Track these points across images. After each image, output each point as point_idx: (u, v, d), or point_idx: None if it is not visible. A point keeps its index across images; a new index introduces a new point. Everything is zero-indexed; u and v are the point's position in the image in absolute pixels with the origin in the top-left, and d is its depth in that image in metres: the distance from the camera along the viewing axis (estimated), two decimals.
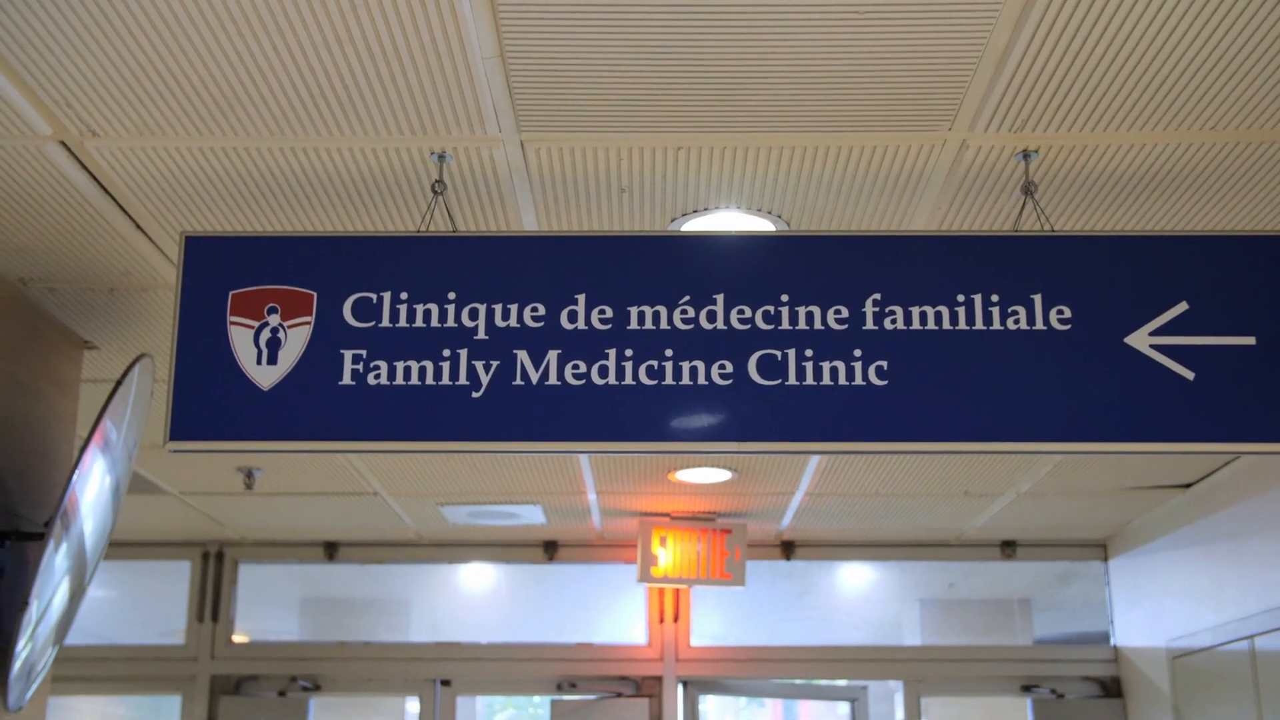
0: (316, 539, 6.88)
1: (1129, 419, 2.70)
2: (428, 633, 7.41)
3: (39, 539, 3.58)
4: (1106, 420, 2.70)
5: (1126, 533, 6.56)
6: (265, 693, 6.74)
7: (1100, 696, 6.69)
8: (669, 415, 2.72)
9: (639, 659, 6.76)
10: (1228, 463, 5.27)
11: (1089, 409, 2.71)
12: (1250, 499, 5.09)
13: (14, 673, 3.28)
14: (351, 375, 2.73)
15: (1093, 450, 2.73)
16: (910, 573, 7.39)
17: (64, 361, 3.93)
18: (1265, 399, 2.70)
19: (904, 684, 6.82)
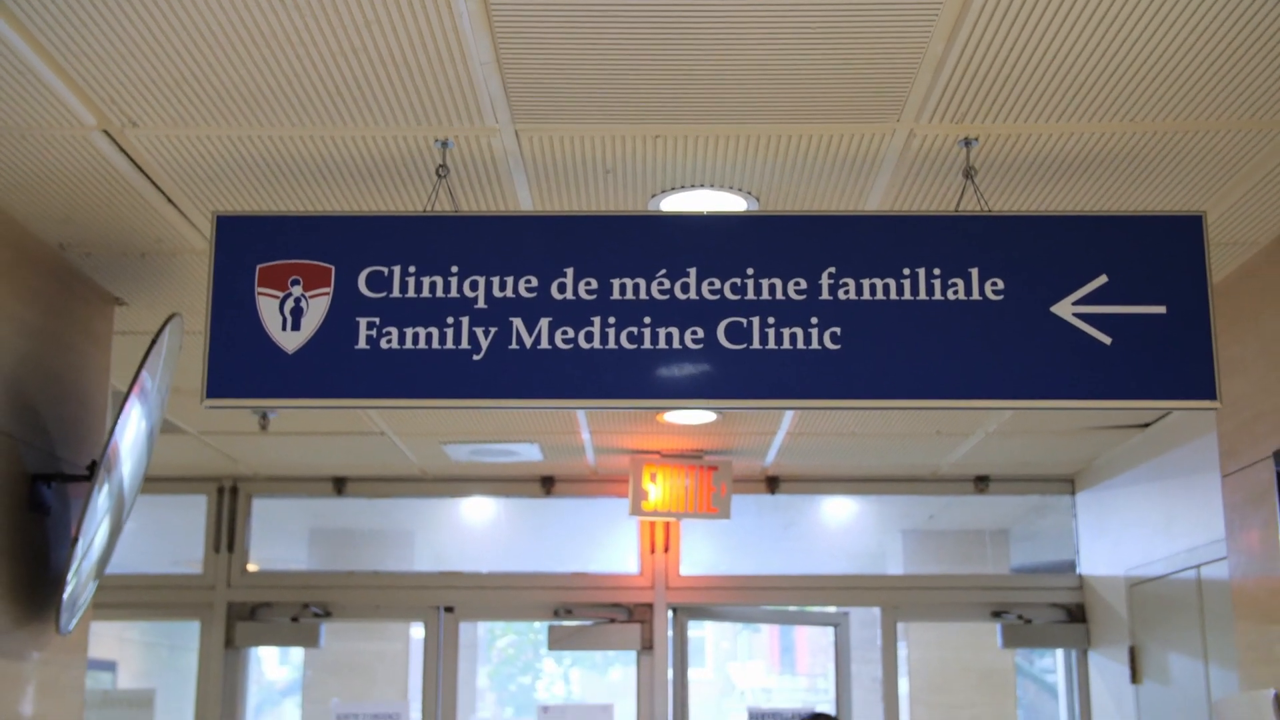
0: (326, 475, 7.24)
1: (1053, 379, 3.06)
2: (431, 563, 7.81)
3: (81, 480, 3.95)
4: (1033, 380, 3.06)
5: (1092, 468, 6.92)
6: (279, 618, 7.13)
7: (1065, 621, 7.09)
8: (647, 375, 3.08)
9: (631, 587, 7.14)
10: None
11: (1018, 370, 3.07)
12: (1199, 439, 5.44)
13: (64, 601, 3.66)
14: (366, 340, 3.09)
15: (1020, 406, 3.10)
16: (892, 505, 7.77)
17: (97, 317, 4.28)
18: (1173, 361, 3.06)
19: (881, 610, 7.21)
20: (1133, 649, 6.32)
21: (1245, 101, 3.03)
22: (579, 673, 21.83)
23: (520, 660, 22.02)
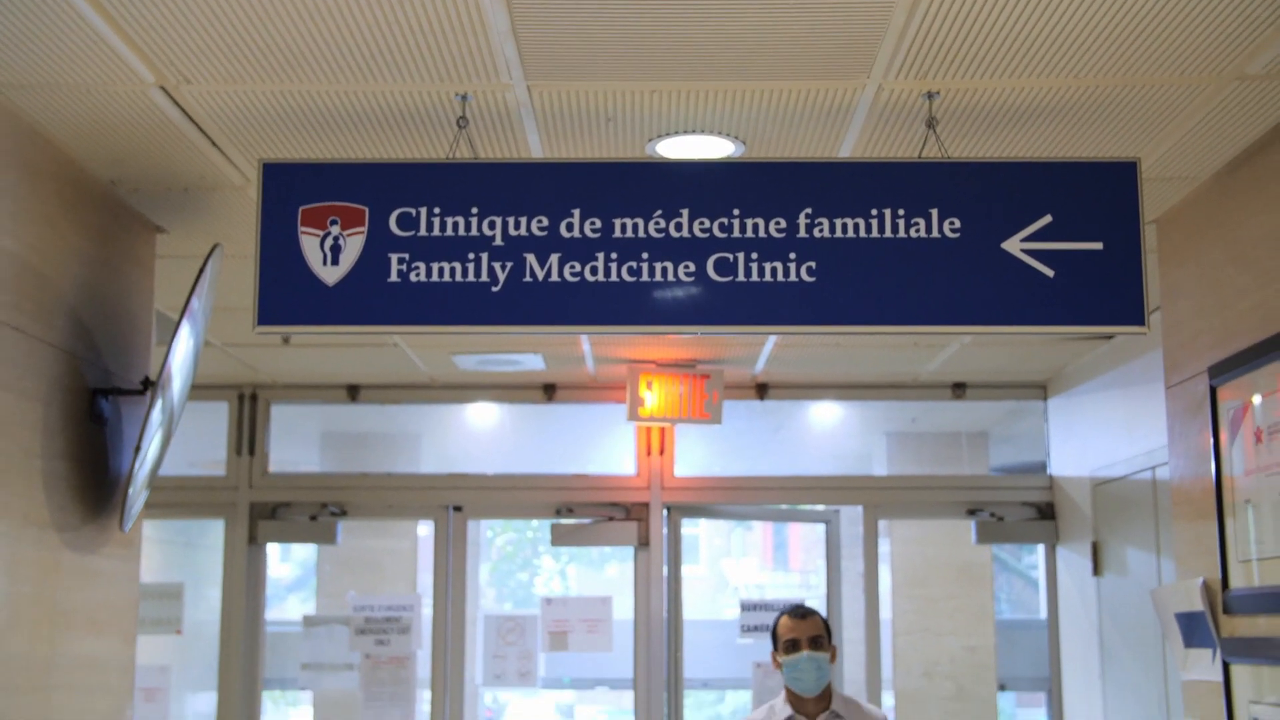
0: (340, 383, 7.65)
1: (1002, 308, 3.48)
2: (437, 465, 8.27)
3: (134, 394, 4.38)
4: (984, 308, 3.49)
5: (1062, 376, 7.35)
6: (298, 517, 7.58)
7: (1036, 519, 7.57)
8: (645, 304, 3.50)
9: (628, 487, 7.59)
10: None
11: (971, 299, 3.49)
12: (1157, 351, 5.85)
13: (127, 502, 4.10)
14: (397, 274, 3.50)
15: (972, 332, 3.53)
16: (876, 409, 8.21)
17: (142, 245, 4.67)
18: (1108, 292, 3.48)
19: (863, 508, 7.68)
20: (1095, 544, 6.80)
21: (1175, 59, 3.41)
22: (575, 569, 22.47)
23: (519, 557, 22.64)
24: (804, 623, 4.85)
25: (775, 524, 21.78)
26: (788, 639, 4.83)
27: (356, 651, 7.55)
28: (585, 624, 7.63)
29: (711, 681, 16.96)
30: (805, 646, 4.78)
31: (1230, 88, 3.57)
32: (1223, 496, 4.09)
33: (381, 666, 7.53)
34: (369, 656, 7.52)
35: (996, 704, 9.34)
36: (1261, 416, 3.84)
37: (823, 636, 4.84)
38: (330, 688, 8.28)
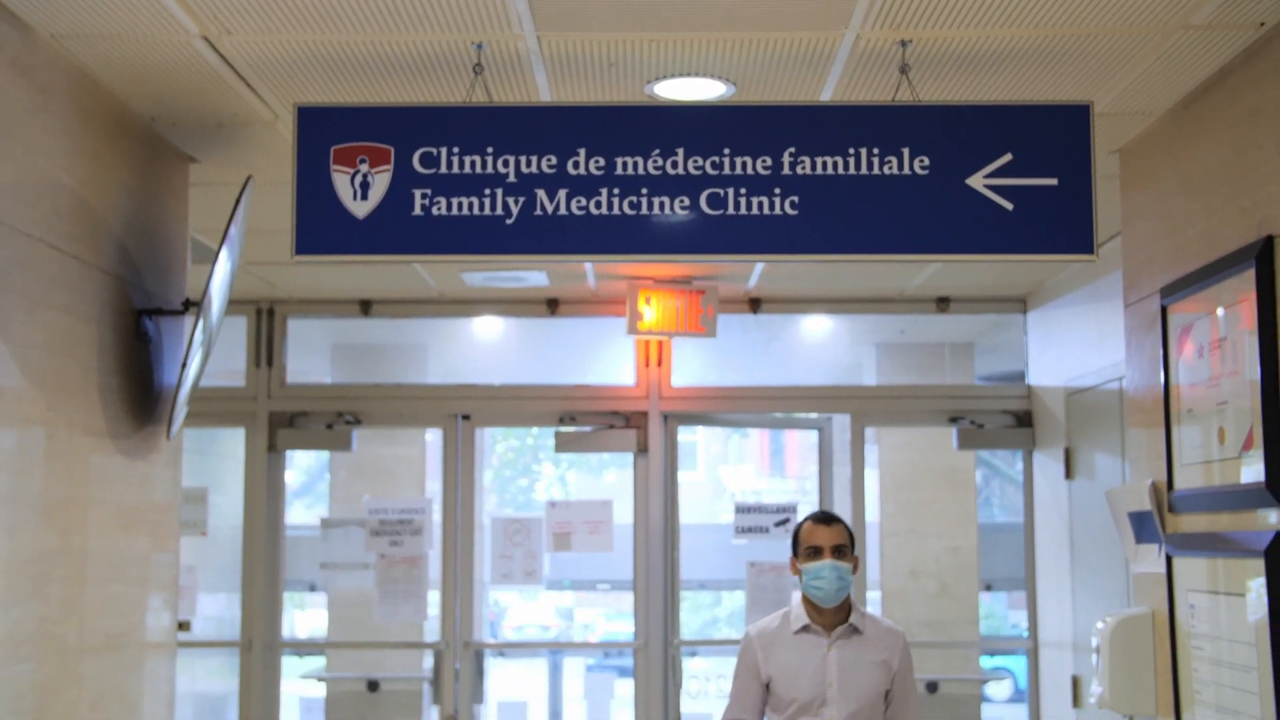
0: (353, 297, 8.03)
1: (966, 237, 3.87)
2: (443, 376, 8.68)
3: (175, 314, 4.77)
4: (950, 238, 3.87)
5: (1041, 290, 7.73)
6: (315, 426, 8.00)
7: (1014, 426, 7.99)
8: (644, 235, 3.89)
9: (628, 397, 7.99)
10: (1112, 237, 6.40)
11: (939, 230, 3.88)
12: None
13: (174, 412, 4.51)
14: (420, 208, 3.88)
15: (941, 260, 3.94)
16: (866, 322, 8.59)
17: (177, 175, 5.03)
18: (1061, 223, 3.87)
19: (851, 416, 8.09)
20: (1067, 450, 7.22)
21: (1126, 12, 3.76)
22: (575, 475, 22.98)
23: (519, 464, 23.15)
24: (828, 529, 4.71)
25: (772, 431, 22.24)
26: (810, 545, 4.69)
27: (372, 552, 7.99)
28: (587, 526, 8.06)
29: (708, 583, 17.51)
30: (828, 554, 4.64)
31: (1176, 36, 3.92)
32: (1170, 406, 4.49)
33: (395, 566, 7.97)
34: (383, 556, 7.96)
35: (978, 602, 9.83)
36: (1203, 333, 4.24)
37: (846, 545, 4.70)
38: (346, 587, 8.78)
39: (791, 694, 4.67)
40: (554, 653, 14.58)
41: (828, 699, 4.65)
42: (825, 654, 4.69)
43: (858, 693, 4.65)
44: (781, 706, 4.71)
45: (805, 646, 4.71)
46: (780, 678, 4.71)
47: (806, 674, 4.67)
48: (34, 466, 3.81)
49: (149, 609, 4.73)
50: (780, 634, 4.77)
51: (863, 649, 4.71)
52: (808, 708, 4.66)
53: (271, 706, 7.86)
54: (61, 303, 4.01)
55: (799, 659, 4.70)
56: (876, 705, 4.69)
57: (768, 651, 4.75)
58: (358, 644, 9.08)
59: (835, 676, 4.66)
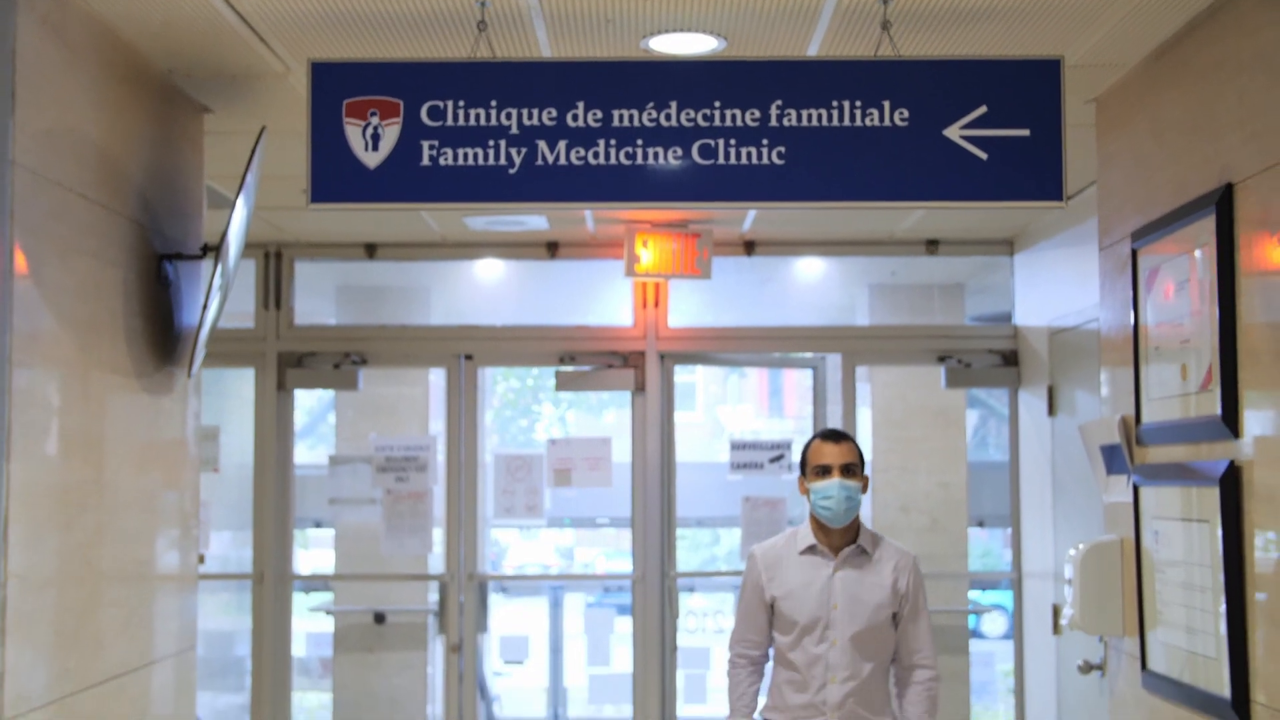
0: (358, 241, 8.25)
1: (942, 185, 4.10)
2: (445, 317, 8.92)
3: (194, 259, 5.00)
4: (928, 186, 4.11)
5: (1027, 233, 7.96)
6: (322, 366, 8.24)
7: (1000, 365, 8.23)
8: (640, 184, 4.12)
9: (626, 337, 8.23)
10: (1091, 183, 6.62)
11: (918, 178, 4.11)
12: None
13: (196, 352, 4.75)
14: (428, 158, 4.11)
15: (919, 206, 4.17)
16: (858, 263, 8.82)
17: (192, 125, 5.25)
18: (1032, 172, 4.09)
19: (842, 355, 8.33)
20: (1050, 388, 7.48)
21: None
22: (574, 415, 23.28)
23: (520, 405, 23.45)
24: (837, 447, 4.66)
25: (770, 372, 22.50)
26: (818, 464, 4.63)
27: (379, 488, 8.26)
28: (587, 462, 8.32)
29: (705, 520, 17.82)
30: (837, 473, 4.59)
31: None
32: (1139, 344, 4.73)
33: (401, 501, 8.24)
34: (389, 492, 8.23)
35: (967, 535, 10.12)
36: (1169, 276, 4.47)
37: (856, 464, 4.64)
38: (354, 521, 9.06)
39: (796, 615, 4.63)
40: (554, 589, 14.88)
41: (832, 621, 4.60)
42: (831, 575, 4.64)
43: (863, 615, 4.61)
44: (787, 628, 4.68)
45: (810, 567, 4.67)
46: (785, 599, 4.66)
47: (811, 595, 4.63)
48: (68, 403, 4.06)
49: (173, 540, 5.00)
50: (785, 554, 4.72)
51: (870, 571, 4.66)
52: (813, 630, 4.62)
53: (283, 636, 8.16)
54: (90, 249, 4.24)
55: (804, 580, 4.65)
56: (884, 629, 4.65)
57: (772, 572, 4.71)
58: (366, 576, 9.37)
59: (840, 599, 4.62)
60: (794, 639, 4.66)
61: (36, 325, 3.83)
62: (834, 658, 4.63)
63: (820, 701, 4.63)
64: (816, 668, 4.64)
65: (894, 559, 4.71)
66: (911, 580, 4.71)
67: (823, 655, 4.63)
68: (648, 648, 8.08)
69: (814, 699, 4.64)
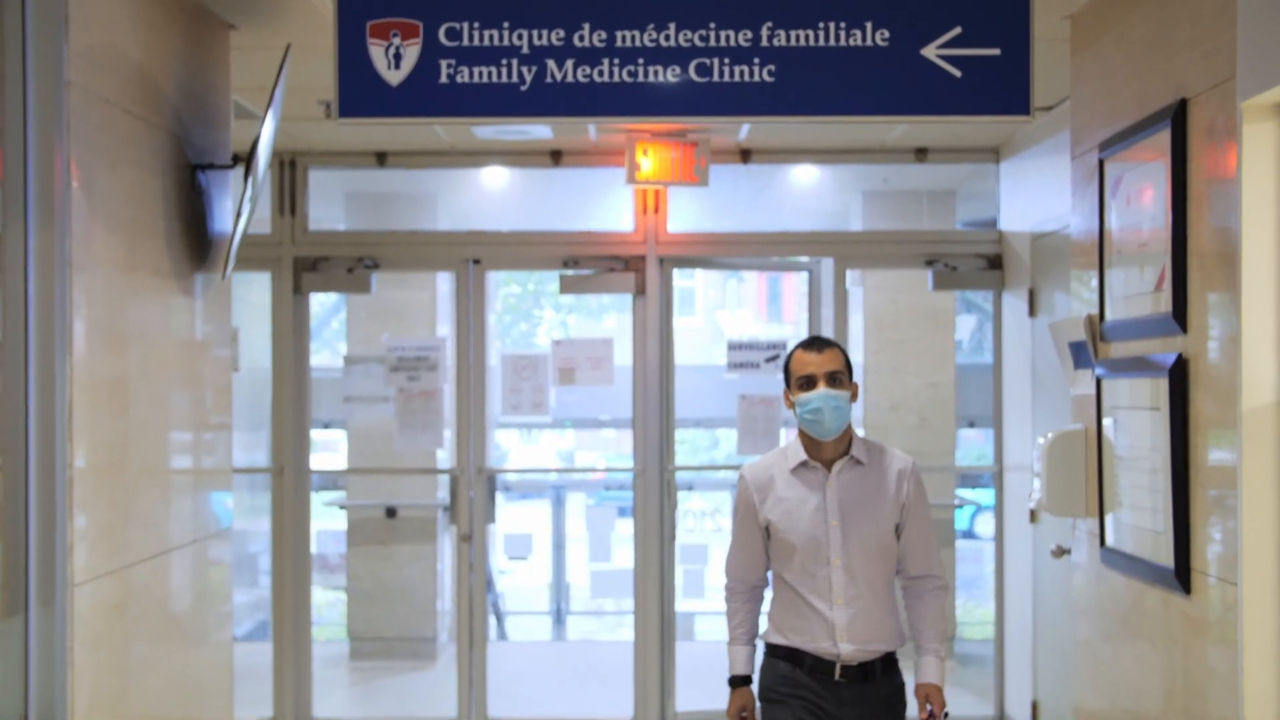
0: (370, 149, 8.58)
1: (920, 100, 4.46)
2: (455, 223, 9.26)
3: (224, 168, 5.35)
4: (906, 101, 4.47)
5: (1012, 141, 8.29)
6: (336, 270, 8.60)
7: (986, 269, 8.60)
8: (642, 99, 4.49)
9: (627, 242, 8.57)
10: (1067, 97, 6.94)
11: (897, 95, 4.47)
12: None
13: (230, 255, 5.13)
14: (446, 76, 4.46)
15: (898, 121, 4.51)
16: (853, 171, 9.16)
17: (219, 41, 5.58)
18: (1002, 88, 4.45)
19: (834, 259, 8.69)
20: (1031, 290, 7.85)
21: None
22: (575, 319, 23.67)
23: (521, 309, 23.86)
24: (821, 356, 4.43)
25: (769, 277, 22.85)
26: (802, 375, 4.40)
27: (391, 387, 8.66)
28: (590, 361, 8.71)
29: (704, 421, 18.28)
30: (822, 383, 4.35)
31: None
32: (1104, 248, 5.10)
33: (413, 399, 8.65)
34: (402, 391, 8.63)
35: (955, 433, 10.56)
36: (1131, 184, 4.83)
37: (842, 372, 4.42)
38: (367, 419, 9.50)
39: (792, 537, 4.40)
40: (556, 489, 15.32)
41: (831, 540, 4.37)
42: (825, 492, 4.41)
43: (864, 530, 4.39)
44: (784, 551, 4.45)
45: (803, 485, 4.43)
46: (779, 520, 4.43)
47: (806, 515, 4.40)
48: (117, 302, 4.43)
49: (209, 432, 5.40)
50: (776, 473, 4.48)
51: (867, 483, 4.43)
52: (811, 551, 4.39)
53: (303, 526, 8.59)
54: (133, 159, 4.60)
55: (797, 498, 4.42)
56: (886, 543, 4.44)
57: (764, 493, 4.48)
58: (380, 470, 9.85)
59: (837, 515, 4.39)
60: (792, 561, 4.42)
61: (90, 230, 4.20)
62: (836, 578, 4.38)
63: (824, 625, 4.38)
64: (818, 590, 4.38)
65: (892, 467, 4.47)
66: (912, 487, 4.48)
67: (824, 576, 4.38)
68: (648, 540, 8.52)
69: (817, 622, 4.39)
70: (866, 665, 4.43)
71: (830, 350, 4.47)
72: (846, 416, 4.39)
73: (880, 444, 4.55)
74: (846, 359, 4.49)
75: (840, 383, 4.40)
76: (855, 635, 4.39)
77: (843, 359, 4.48)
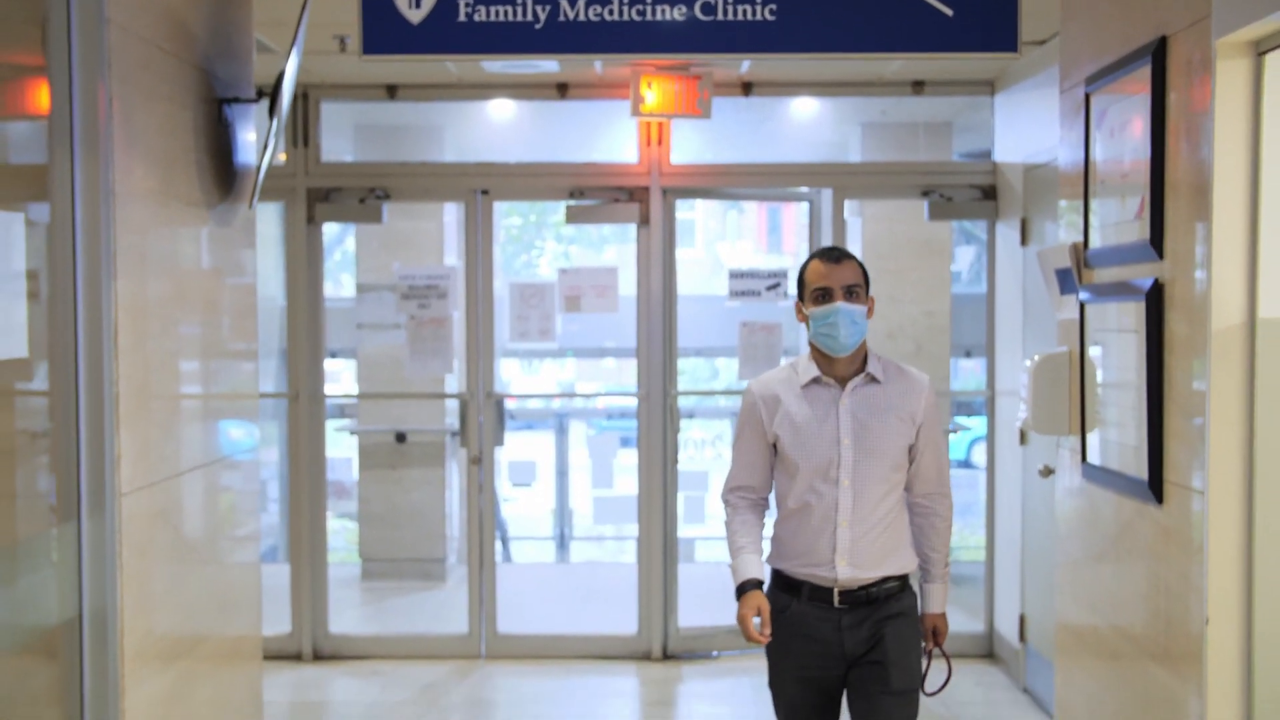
0: (381, 83, 8.81)
1: (915, 38, 4.72)
2: (462, 155, 9.49)
3: (249, 102, 5.59)
4: (902, 38, 4.73)
5: (1006, 74, 8.51)
6: (348, 200, 8.86)
7: (980, 199, 8.84)
8: (649, 37, 4.74)
9: (631, 173, 8.82)
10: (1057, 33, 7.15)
11: (891, 31, 4.72)
12: None
13: (257, 186, 5.38)
14: (464, 15, 4.71)
15: (897, 57, 4.76)
16: (852, 103, 9.38)
17: None
18: (992, 25, 4.69)
19: (833, 190, 8.93)
20: (1023, 220, 8.11)
21: None
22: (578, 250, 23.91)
23: (523, 239, 24.10)
24: (838, 267, 4.19)
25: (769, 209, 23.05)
26: (818, 287, 4.17)
27: (402, 314, 8.93)
28: (595, 290, 8.98)
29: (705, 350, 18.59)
30: (839, 296, 4.12)
31: None
32: (1089, 179, 5.35)
33: (424, 326, 8.92)
34: (413, 317, 8.91)
35: (949, 360, 10.85)
36: (1114, 118, 5.08)
37: (860, 285, 4.20)
38: (378, 346, 9.79)
39: (800, 455, 4.20)
40: (560, 417, 15.62)
41: (841, 460, 4.17)
42: (837, 410, 4.20)
43: (876, 451, 4.21)
44: (790, 470, 4.25)
45: (815, 401, 4.22)
46: (787, 437, 4.23)
47: (816, 432, 4.20)
48: (155, 229, 4.69)
49: (238, 354, 5.68)
50: (786, 388, 4.27)
51: (881, 402, 4.24)
52: (821, 471, 4.19)
53: (318, 448, 8.89)
54: (166, 94, 4.84)
55: (807, 416, 4.20)
56: (898, 465, 4.27)
57: (772, 408, 4.28)
58: (393, 395, 10.14)
59: (850, 434, 4.19)
60: (799, 481, 4.21)
61: (129, 161, 4.45)
62: (843, 500, 4.19)
63: (830, 548, 4.19)
64: (825, 512, 4.19)
65: (908, 385, 4.30)
66: (927, 409, 4.33)
67: (832, 498, 4.18)
68: (651, 463, 8.83)
69: (823, 546, 4.20)
70: (869, 588, 4.26)
71: (848, 261, 4.24)
72: (863, 332, 4.18)
73: (897, 362, 4.35)
74: (864, 271, 4.27)
75: (858, 296, 4.17)
76: (859, 560, 4.21)
77: (861, 271, 4.25)
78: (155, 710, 4.56)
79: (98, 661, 4.20)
